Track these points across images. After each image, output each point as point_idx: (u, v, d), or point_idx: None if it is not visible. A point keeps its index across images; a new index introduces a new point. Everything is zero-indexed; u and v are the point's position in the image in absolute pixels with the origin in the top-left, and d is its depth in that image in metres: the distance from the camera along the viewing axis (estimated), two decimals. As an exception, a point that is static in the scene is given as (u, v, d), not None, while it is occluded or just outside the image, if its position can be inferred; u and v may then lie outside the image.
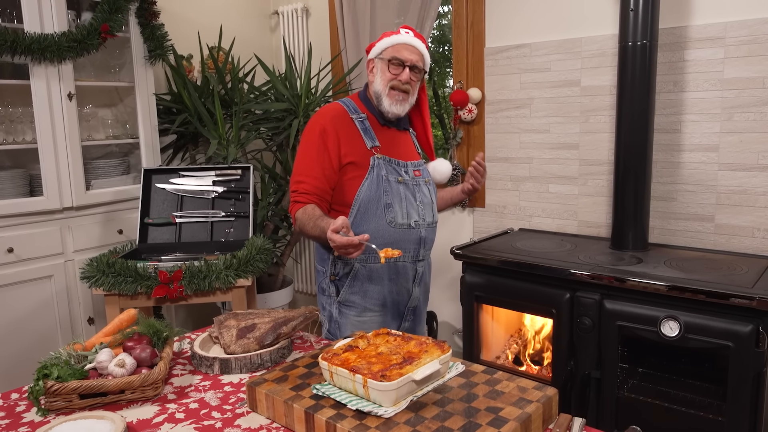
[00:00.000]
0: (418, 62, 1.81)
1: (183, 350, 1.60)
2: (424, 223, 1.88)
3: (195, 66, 3.40)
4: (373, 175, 1.80)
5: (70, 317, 2.67)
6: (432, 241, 1.95)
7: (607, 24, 2.59)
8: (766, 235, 2.33)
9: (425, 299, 2.05)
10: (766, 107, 2.27)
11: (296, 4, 3.71)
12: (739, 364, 1.89)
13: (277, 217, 3.33)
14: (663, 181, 2.53)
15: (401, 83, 1.80)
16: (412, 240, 1.86)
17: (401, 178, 1.84)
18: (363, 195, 1.80)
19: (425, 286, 2.02)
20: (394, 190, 1.82)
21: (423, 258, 1.93)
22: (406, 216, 1.84)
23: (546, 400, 1.12)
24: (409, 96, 1.83)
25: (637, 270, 2.16)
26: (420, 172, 1.92)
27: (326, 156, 1.79)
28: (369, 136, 1.83)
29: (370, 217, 1.81)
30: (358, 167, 1.80)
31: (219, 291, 2.37)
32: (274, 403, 1.17)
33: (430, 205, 1.92)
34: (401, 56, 1.80)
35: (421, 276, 1.96)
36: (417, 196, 1.88)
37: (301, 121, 3.05)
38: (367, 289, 1.88)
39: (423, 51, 1.84)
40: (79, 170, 2.65)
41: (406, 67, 1.80)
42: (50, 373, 1.26)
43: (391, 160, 1.85)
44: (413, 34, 1.84)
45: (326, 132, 1.79)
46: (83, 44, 2.57)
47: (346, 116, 1.84)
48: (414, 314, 2.00)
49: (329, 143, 1.79)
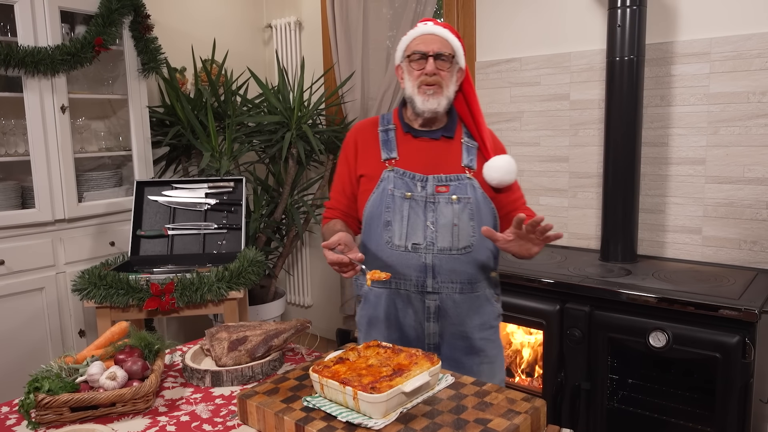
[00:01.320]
0: (442, 49, 1.59)
1: (174, 363, 1.60)
2: (432, 247, 1.58)
3: (188, 79, 3.42)
4: (380, 190, 1.64)
5: (61, 330, 2.66)
6: (451, 272, 1.59)
7: (596, 39, 2.64)
8: (753, 247, 2.36)
9: (456, 339, 1.64)
10: (751, 121, 2.32)
11: (289, 17, 3.75)
12: (727, 374, 1.91)
13: (269, 229, 3.34)
14: (651, 194, 2.56)
15: (428, 76, 1.59)
16: (413, 266, 1.59)
17: (409, 193, 1.61)
18: (367, 210, 1.66)
19: (450, 326, 1.63)
20: (396, 207, 1.61)
21: (434, 290, 1.60)
22: (405, 237, 1.60)
23: (534, 412, 1.13)
24: (442, 88, 1.60)
25: (626, 282, 2.18)
26: (447, 188, 1.61)
27: (345, 169, 1.72)
28: (388, 147, 1.67)
29: (372, 235, 1.65)
30: (369, 180, 1.66)
31: (211, 303, 2.37)
32: (265, 416, 1.18)
33: (450, 228, 1.59)
34: (420, 48, 1.61)
35: (436, 311, 1.62)
36: (429, 215, 1.59)
37: (293, 134, 3.07)
38: (372, 315, 1.70)
39: (447, 36, 1.61)
40: (72, 182, 2.65)
41: (428, 58, 1.59)
42: (41, 386, 1.26)
43: (405, 173, 1.63)
44: (432, 23, 1.64)
45: (347, 145, 1.74)
46: (77, 57, 2.58)
47: (372, 128, 1.72)
48: (441, 352, 1.65)
49: (349, 156, 1.72)
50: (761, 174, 2.31)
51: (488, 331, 1.68)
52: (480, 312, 1.65)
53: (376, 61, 3.36)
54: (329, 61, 3.60)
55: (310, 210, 3.34)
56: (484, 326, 1.66)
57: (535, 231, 1.42)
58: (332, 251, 1.46)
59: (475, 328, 1.65)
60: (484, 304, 1.66)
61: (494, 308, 1.70)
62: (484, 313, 1.66)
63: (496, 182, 1.62)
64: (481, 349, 1.66)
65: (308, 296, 4.00)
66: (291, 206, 3.33)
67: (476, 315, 1.64)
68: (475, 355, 1.65)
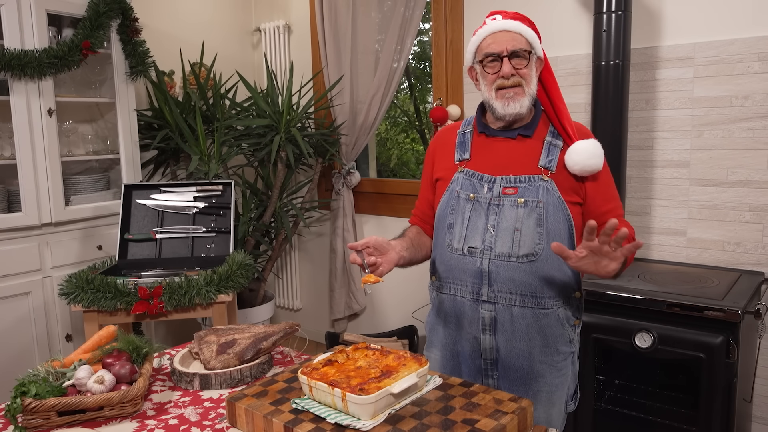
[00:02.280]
0: (517, 46, 1.46)
1: (163, 366, 1.60)
2: (490, 252, 1.47)
3: (176, 82, 3.41)
4: (449, 192, 1.57)
5: (48, 334, 2.64)
6: (509, 281, 1.46)
7: (581, 44, 2.67)
8: (736, 249, 2.40)
9: (513, 357, 1.51)
10: (734, 125, 2.35)
11: (278, 21, 3.75)
12: (711, 374, 1.94)
13: (258, 232, 3.34)
14: (637, 196, 2.60)
15: (505, 79, 1.47)
16: (469, 271, 1.50)
17: (473, 194, 1.52)
18: (437, 213, 1.60)
19: (507, 342, 1.51)
20: (459, 209, 1.53)
21: (490, 300, 1.49)
22: (464, 240, 1.51)
23: (521, 412, 1.14)
24: (523, 88, 1.47)
25: (612, 283, 2.20)
26: (516, 190, 1.48)
27: (425, 175, 1.70)
28: (462, 149, 1.59)
29: (438, 238, 1.59)
30: (444, 183, 1.60)
31: (199, 307, 2.37)
32: (254, 418, 1.18)
33: (511, 233, 1.46)
34: (493, 50, 1.48)
35: (492, 323, 1.50)
36: (491, 218, 1.49)
37: (282, 137, 3.07)
38: (434, 322, 1.65)
39: (520, 29, 1.48)
40: (59, 186, 2.64)
41: (503, 59, 1.47)
42: (28, 390, 1.25)
43: (474, 174, 1.54)
44: (502, 17, 1.50)
45: (429, 150, 1.70)
46: (64, 60, 2.57)
47: (453, 131, 1.65)
48: (498, 369, 1.53)
49: (428, 161, 1.69)
50: (744, 177, 2.35)
51: (554, 357, 1.51)
52: (546, 333, 1.49)
53: (365, 64, 3.37)
54: (318, 64, 3.61)
55: (299, 213, 3.35)
56: (549, 350, 1.50)
57: (609, 242, 1.25)
58: (358, 253, 1.40)
59: (537, 349, 1.49)
60: (553, 325, 1.49)
61: (566, 332, 1.52)
62: (551, 335, 1.49)
63: (579, 168, 1.46)
64: (540, 374, 1.51)
65: (297, 299, 4.00)
66: (280, 209, 3.33)
67: (540, 335, 1.49)
68: (533, 380, 1.51)
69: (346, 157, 3.49)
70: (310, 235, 3.86)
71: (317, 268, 3.87)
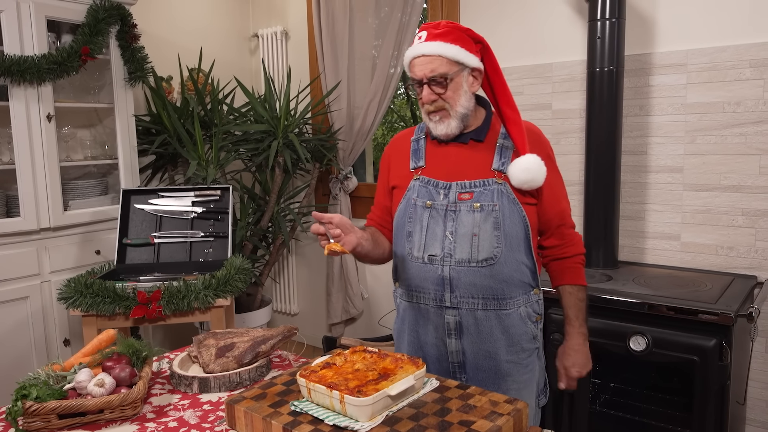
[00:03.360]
0: (435, 71, 1.45)
1: (162, 370, 1.61)
2: (450, 259, 1.50)
3: (174, 87, 3.43)
4: (405, 200, 1.58)
5: (46, 339, 2.65)
6: (471, 286, 1.49)
7: (576, 50, 2.70)
8: (729, 253, 2.42)
9: (480, 358, 1.55)
10: (727, 130, 2.38)
11: (276, 27, 3.78)
12: (704, 377, 1.96)
13: (255, 237, 3.35)
14: (631, 201, 2.62)
15: (429, 105, 1.50)
16: (430, 279, 1.53)
17: (429, 202, 1.54)
18: (395, 222, 1.62)
19: (472, 344, 1.54)
20: (417, 216, 1.55)
21: (453, 305, 1.52)
22: (423, 248, 1.53)
23: (516, 413, 1.16)
24: (448, 111, 1.49)
25: (607, 287, 2.23)
26: (471, 195, 1.50)
27: (381, 180, 1.71)
28: (416, 156, 1.61)
29: (398, 246, 1.60)
30: (400, 191, 1.61)
31: (198, 311, 2.38)
32: (253, 420, 1.19)
33: (469, 239, 1.49)
34: (413, 75, 1.50)
35: (457, 328, 1.54)
36: (448, 225, 1.51)
37: (280, 142, 3.09)
38: (399, 329, 1.67)
39: (440, 51, 1.45)
40: (57, 191, 2.65)
41: (423, 85, 1.49)
42: (29, 393, 1.27)
43: (430, 181, 1.56)
44: (426, 35, 1.48)
45: (383, 158, 1.71)
46: (63, 66, 2.59)
47: (406, 138, 1.67)
48: (466, 371, 1.57)
49: (384, 167, 1.70)
50: (737, 181, 2.38)
51: (519, 355, 1.55)
52: (510, 332, 1.53)
53: (362, 70, 3.39)
54: (315, 70, 3.63)
55: (297, 218, 3.36)
56: (514, 348, 1.54)
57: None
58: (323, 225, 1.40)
59: (502, 349, 1.54)
60: (516, 324, 1.53)
61: (529, 329, 1.56)
62: (514, 334, 1.54)
63: (518, 183, 1.49)
64: (507, 373, 1.55)
65: (294, 304, 4.01)
66: (277, 214, 3.35)
67: (504, 335, 1.53)
68: (501, 380, 1.55)
69: (343, 162, 3.51)
70: (307, 239, 3.88)
71: (314, 272, 3.89)
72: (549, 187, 1.55)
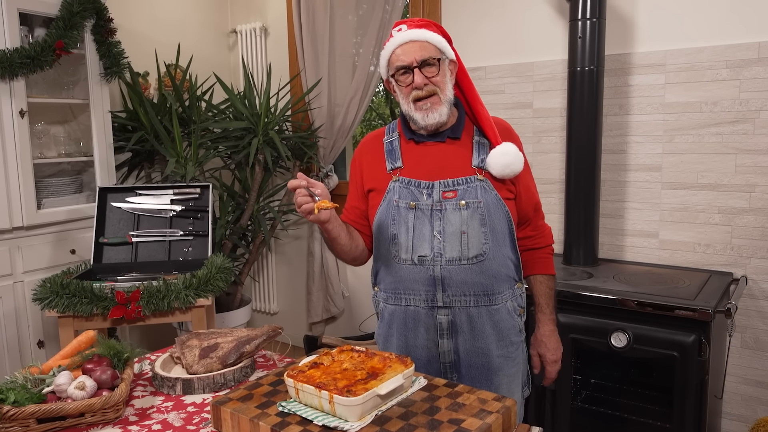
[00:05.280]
0: (425, 54, 1.47)
1: (144, 371, 1.58)
2: (441, 258, 1.49)
3: (151, 83, 3.37)
4: (386, 202, 1.55)
5: (19, 341, 2.58)
6: (463, 284, 1.50)
7: (557, 50, 2.72)
8: (706, 250, 2.47)
9: (472, 356, 1.56)
10: (704, 130, 2.43)
11: (254, 23, 3.73)
12: (684, 372, 1.99)
13: (235, 235, 3.31)
14: (611, 199, 2.65)
15: (419, 90, 1.48)
16: (421, 280, 1.52)
17: (413, 203, 1.52)
18: (375, 225, 1.58)
19: (465, 343, 1.55)
20: (402, 218, 1.52)
21: (445, 305, 1.52)
22: (411, 249, 1.51)
23: (505, 411, 1.16)
24: (439, 96, 1.49)
25: (588, 284, 2.25)
26: (455, 193, 1.50)
27: (354, 184, 1.66)
28: (392, 157, 1.58)
29: (381, 250, 1.58)
30: (377, 194, 1.58)
31: (178, 311, 2.34)
32: (240, 422, 1.17)
33: (458, 237, 1.49)
34: (402, 62, 1.48)
35: (449, 327, 1.54)
36: (435, 224, 1.50)
37: (260, 140, 3.06)
38: (386, 334, 1.64)
39: (428, 38, 1.48)
40: (30, 189, 2.58)
41: (414, 69, 1.48)
42: (6, 397, 1.23)
43: (411, 182, 1.54)
44: (407, 26, 1.50)
45: (354, 161, 1.67)
46: (36, 61, 2.52)
47: (378, 139, 1.64)
48: (457, 371, 1.58)
49: (356, 170, 1.66)
50: (713, 180, 2.43)
51: (508, 348, 1.58)
52: (499, 327, 1.55)
53: (343, 67, 3.37)
54: (296, 67, 3.60)
55: (277, 216, 3.33)
56: (503, 342, 1.57)
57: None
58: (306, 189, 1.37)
59: (493, 344, 1.55)
60: (505, 318, 1.56)
61: (516, 323, 1.59)
62: (503, 329, 1.56)
63: (498, 170, 1.50)
64: (498, 368, 1.57)
65: (274, 303, 3.97)
66: (257, 213, 3.31)
67: (494, 330, 1.55)
68: (494, 374, 1.57)
69: (323, 159, 3.49)
70: (287, 238, 3.85)
71: (294, 271, 3.86)
72: (524, 181, 1.60)
